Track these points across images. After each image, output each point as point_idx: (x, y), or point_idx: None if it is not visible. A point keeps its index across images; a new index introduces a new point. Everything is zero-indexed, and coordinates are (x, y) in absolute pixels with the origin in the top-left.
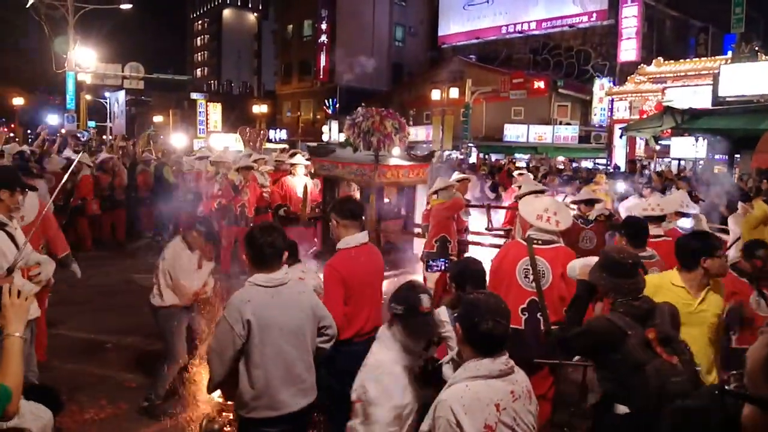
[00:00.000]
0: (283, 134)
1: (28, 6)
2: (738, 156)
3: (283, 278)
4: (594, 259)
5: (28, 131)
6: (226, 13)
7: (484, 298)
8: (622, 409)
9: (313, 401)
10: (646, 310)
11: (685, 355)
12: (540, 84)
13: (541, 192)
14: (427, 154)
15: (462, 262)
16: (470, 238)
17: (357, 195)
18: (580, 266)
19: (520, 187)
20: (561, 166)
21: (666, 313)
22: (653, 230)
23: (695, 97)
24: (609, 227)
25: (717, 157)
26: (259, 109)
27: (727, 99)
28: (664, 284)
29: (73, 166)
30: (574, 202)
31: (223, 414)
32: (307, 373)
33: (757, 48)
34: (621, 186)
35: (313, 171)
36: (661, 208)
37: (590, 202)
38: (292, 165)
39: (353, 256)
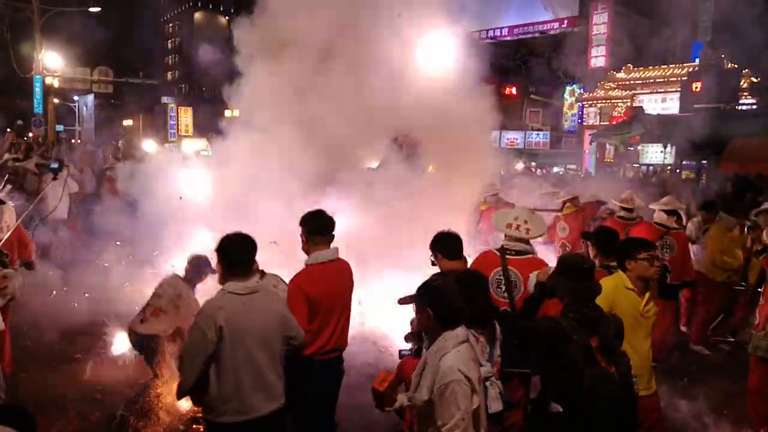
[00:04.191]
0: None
1: None
2: (705, 162)
3: (256, 286)
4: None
5: None
6: (197, 16)
7: (444, 283)
8: (556, 407)
9: (281, 406)
10: (594, 318)
11: (623, 366)
12: (512, 89)
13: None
14: None
15: None
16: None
17: None
18: (538, 273)
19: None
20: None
21: (612, 324)
22: (671, 223)
23: (664, 103)
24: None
25: (684, 162)
26: (232, 113)
27: (695, 106)
28: (619, 286)
29: (40, 195)
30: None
31: (194, 426)
32: (276, 378)
33: (723, 55)
34: None
35: None
36: (677, 205)
37: None
38: None
39: (320, 273)
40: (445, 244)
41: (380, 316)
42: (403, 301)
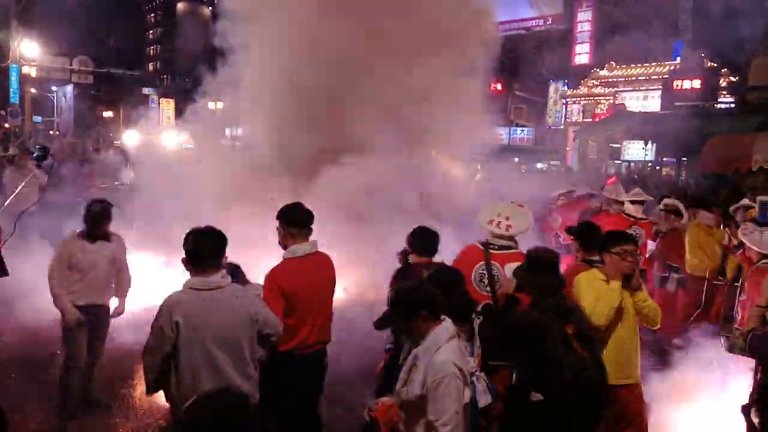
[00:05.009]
0: (239, 131)
1: None
2: (685, 159)
3: (220, 282)
4: None
5: None
6: (180, 6)
7: (415, 282)
8: (536, 396)
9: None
10: (569, 307)
11: (595, 351)
12: (497, 85)
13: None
14: None
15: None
16: None
17: None
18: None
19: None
20: None
21: (585, 312)
22: (638, 213)
23: (646, 101)
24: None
25: (665, 159)
26: (215, 105)
27: (676, 104)
28: (591, 280)
29: (20, 187)
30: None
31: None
32: (241, 379)
33: (703, 54)
34: None
35: None
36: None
37: None
38: None
39: (297, 267)
40: (417, 240)
41: (368, 308)
42: (382, 325)
